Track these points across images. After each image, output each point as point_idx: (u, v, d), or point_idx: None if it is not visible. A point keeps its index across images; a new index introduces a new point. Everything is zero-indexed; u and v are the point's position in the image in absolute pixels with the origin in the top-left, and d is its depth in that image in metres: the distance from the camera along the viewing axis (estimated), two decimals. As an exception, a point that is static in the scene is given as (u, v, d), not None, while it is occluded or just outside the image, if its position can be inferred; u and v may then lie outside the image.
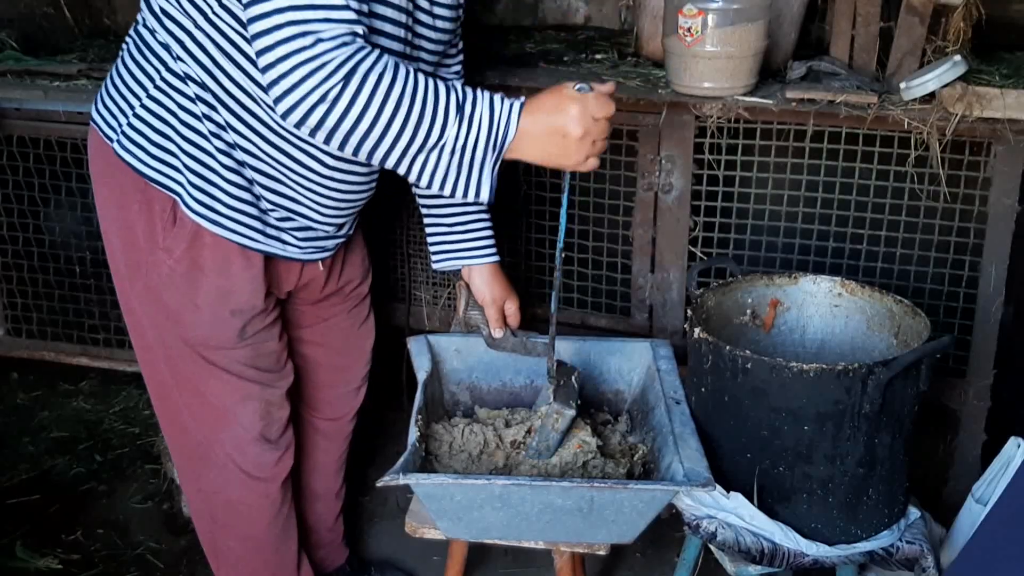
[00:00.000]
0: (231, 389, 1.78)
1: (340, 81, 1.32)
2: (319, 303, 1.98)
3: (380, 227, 2.51)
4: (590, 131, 1.44)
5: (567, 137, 1.44)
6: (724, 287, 1.93)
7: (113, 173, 1.68)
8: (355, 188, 1.77)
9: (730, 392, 1.70)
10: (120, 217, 1.70)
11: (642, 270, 2.27)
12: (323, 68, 1.32)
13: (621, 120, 2.15)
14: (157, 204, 1.64)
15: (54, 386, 3.05)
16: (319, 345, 2.04)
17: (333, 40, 1.33)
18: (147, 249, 1.68)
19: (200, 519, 1.96)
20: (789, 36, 2.18)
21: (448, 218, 1.94)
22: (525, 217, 2.38)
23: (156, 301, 1.72)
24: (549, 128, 1.44)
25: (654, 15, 2.23)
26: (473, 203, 1.92)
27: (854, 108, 1.96)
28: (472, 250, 1.94)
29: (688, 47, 1.99)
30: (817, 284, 1.94)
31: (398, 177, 1.88)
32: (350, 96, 1.33)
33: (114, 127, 1.67)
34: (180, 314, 1.71)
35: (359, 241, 2.04)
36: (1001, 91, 1.87)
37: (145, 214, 1.66)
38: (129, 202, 1.67)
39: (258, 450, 1.85)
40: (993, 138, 1.95)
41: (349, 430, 2.18)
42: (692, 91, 2.05)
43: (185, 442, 1.86)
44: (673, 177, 2.15)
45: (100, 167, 1.72)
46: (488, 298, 1.94)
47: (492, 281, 1.95)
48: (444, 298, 2.51)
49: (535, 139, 1.45)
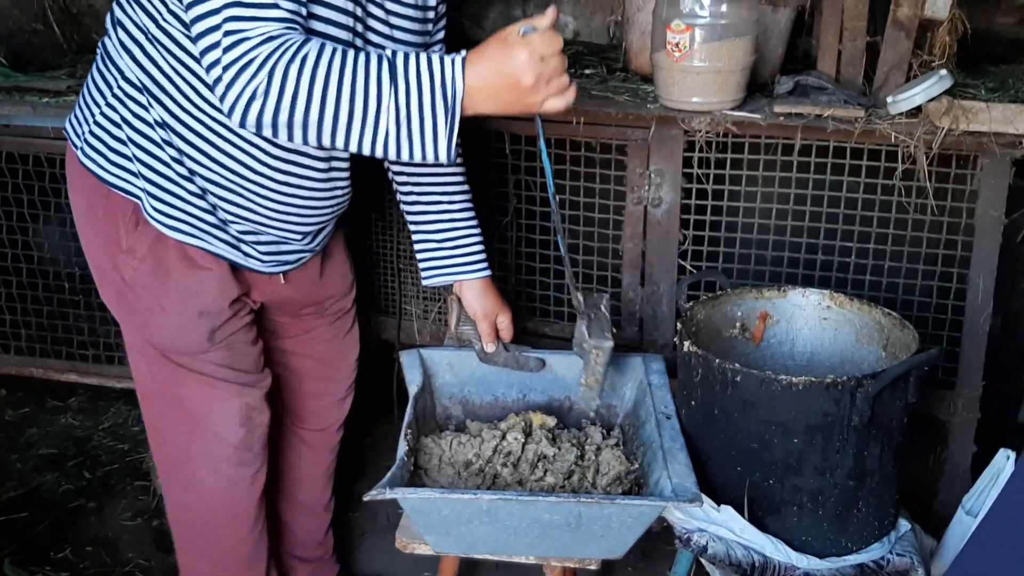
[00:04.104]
0: (208, 392, 1.76)
1: (265, 76, 1.33)
2: (300, 316, 1.98)
3: (370, 241, 2.52)
4: (542, 74, 1.39)
5: (520, 85, 1.39)
6: (714, 300, 1.93)
7: (80, 179, 1.70)
8: (313, 199, 1.72)
9: (720, 405, 1.70)
10: (89, 222, 1.72)
11: (632, 284, 2.27)
12: (249, 66, 1.33)
13: (610, 135, 2.16)
14: (119, 208, 1.66)
15: (42, 403, 3.03)
16: (302, 356, 2.03)
17: (259, 37, 1.33)
18: (113, 253, 1.69)
19: (176, 535, 1.95)
20: (776, 51, 2.20)
21: (437, 234, 1.93)
22: (515, 231, 2.38)
23: (126, 305, 1.73)
24: (499, 80, 1.39)
25: (642, 30, 2.25)
26: (461, 214, 1.91)
27: (841, 122, 1.97)
28: (462, 265, 1.94)
29: (676, 62, 2.01)
30: (806, 297, 1.94)
31: (388, 190, 1.90)
32: (277, 88, 1.33)
33: (79, 134, 1.69)
34: (148, 317, 1.71)
35: (340, 255, 2.02)
36: (987, 105, 1.88)
37: (110, 218, 1.67)
38: (95, 207, 1.69)
39: (233, 466, 1.82)
40: (979, 151, 1.96)
41: (335, 441, 2.16)
42: (681, 106, 2.06)
43: (162, 453, 1.86)
44: (662, 191, 2.16)
45: (71, 174, 1.74)
46: (480, 313, 1.93)
47: (484, 295, 1.94)
48: (435, 312, 2.51)
49: (487, 92, 1.40)
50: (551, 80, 1.41)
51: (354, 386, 2.15)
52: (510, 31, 1.41)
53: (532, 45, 1.38)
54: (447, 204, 1.92)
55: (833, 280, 2.15)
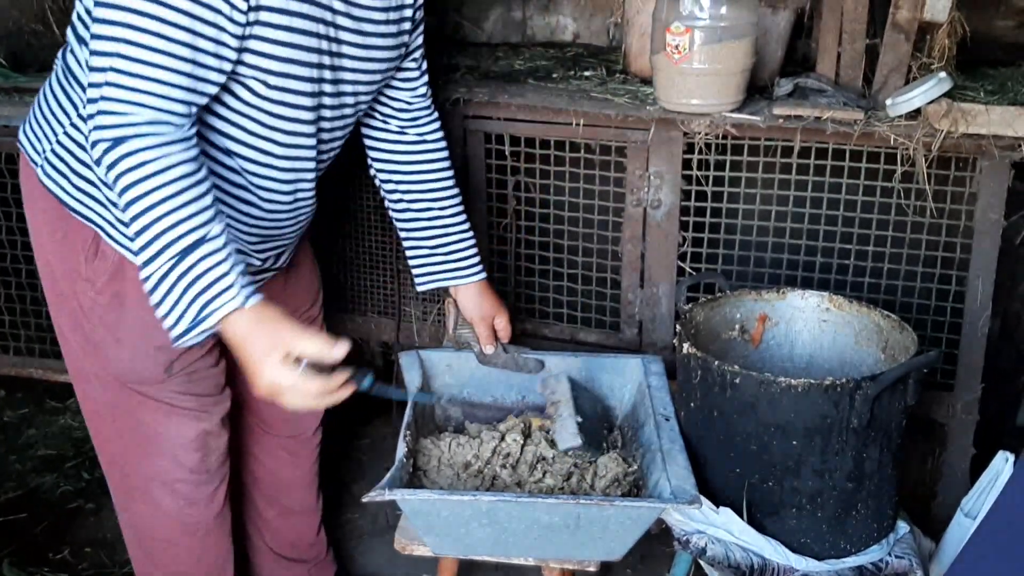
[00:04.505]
0: (164, 419, 1.73)
1: (112, 159, 1.38)
2: None
3: (369, 243, 2.52)
4: (280, 394, 1.42)
5: (252, 377, 1.44)
6: (713, 302, 1.93)
7: (38, 198, 1.66)
8: (277, 224, 1.71)
9: (719, 407, 1.70)
10: (48, 243, 1.67)
11: (631, 285, 2.27)
12: (102, 143, 1.38)
13: (610, 136, 2.16)
14: (79, 234, 1.61)
15: (41, 404, 3.03)
16: None
17: (124, 125, 1.37)
18: (72, 279, 1.65)
19: (132, 552, 1.92)
20: (776, 53, 2.20)
21: (428, 240, 1.91)
22: (514, 232, 2.38)
23: (80, 331, 1.69)
24: (244, 358, 1.43)
25: (642, 32, 2.25)
26: (452, 219, 1.90)
27: (841, 124, 1.97)
28: (457, 270, 1.92)
29: (676, 64, 2.01)
30: (805, 299, 1.95)
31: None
32: (115, 173, 1.38)
33: (39, 151, 1.64)
34: (103, 347, 1.67)
35: (306, 265, 1.99)
36: (986, 107, 1.89)
37: (68, 243, 1.63)
38: (54, 229, 1.65)
39: (190, 486, 1.79)
40: (978, 154, 1.96)
41: (315, 443, 2.13)
42: (680, 108, 2.06)
43: (114, 472, 1.82)
44: (662, 193, 2.16)
45: (28, 189, 1.69)
46: (476, 316, 1.93)
47: (480, 298, 1.93)
48: (434, 314, 2.51)
49: (234, 345, 1.43)
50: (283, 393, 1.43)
51: None
52: (282, 361, 1.41)
53: (278, 378, 1.40)
54: (438, 211, 1.90)
55: (832, 282, 2.15)
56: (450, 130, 2.25)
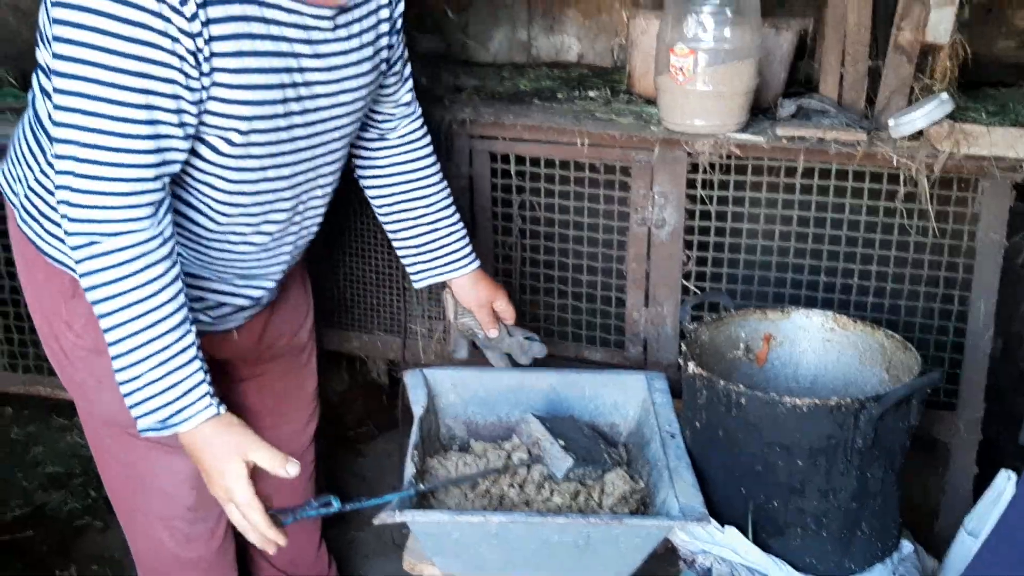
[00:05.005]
0: (155, 457, 1.71)
1: (82, 247, 1.39)
2: (250, 366, 1.94)
3: (375, 260, 2.53)
4: (229, 504, 1.49)
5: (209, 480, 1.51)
6: (718, 321, 1.95)
7: (18, 242, 1.66)
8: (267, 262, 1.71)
9: (724, 426, 1.72)
10: (30, 285, 1.68)
11: (636, 304, 2.29)
12: (72, 236, 1.39)
13: (615, 156, 2.18)
14: (57, 278, 1.61)
15: (48, 421, 3.04)
16: (257, 395, 1.98)
17: (100, 207, 1.37)
18: (52, 320, 1.65)
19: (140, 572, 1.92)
20: (779, 75, 2.22)
21: (418, 237, 1.90)
22: (520, 251, 2.40)
23: (64, 372, 1.69)
24: (204, 463, 1.49)
25: (646, 53, 2.27)
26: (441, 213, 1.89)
27: (844, 145, 1.99)
28: (450, 263, 1.92)
29: (680, 85, 2.03)
30: (809, 318, 1.96)
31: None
32: (84, 260, 1.40)
33: (17, 193, 1.63)
34: (86, 389, 1.67)
35: (297, 289, 1.98)
36: (987, 128, 1.90)
37: (47, 286, 1.63)
38: (34, 271, 1.65)
39: (188, 524, 1.79)
40: (980, 174, 1.98)
41: (309, 459, 2.13)
42: (684, 128, 2.08)
43: (117, 504, 1.83)
44: (666, 212, 2.18)
45: (11, 231, 1.69)
46: (475, 303, 1.92)
47: (476, 285, 1.93)
48: (440, 331, 2.53)
49: (194, 448, 1.49)
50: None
51: (316, 412, 2.14)
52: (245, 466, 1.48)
53: (234, 490, 1.48)
54: (424, 208, 1.89)
55: (836, 301, 2.16)
56: (456, 149, 2.28)
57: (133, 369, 1.42)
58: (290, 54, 1.48)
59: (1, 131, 2.31)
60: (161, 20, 1.33)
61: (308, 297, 2.04)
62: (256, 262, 1.69)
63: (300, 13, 1.47)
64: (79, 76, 1.34)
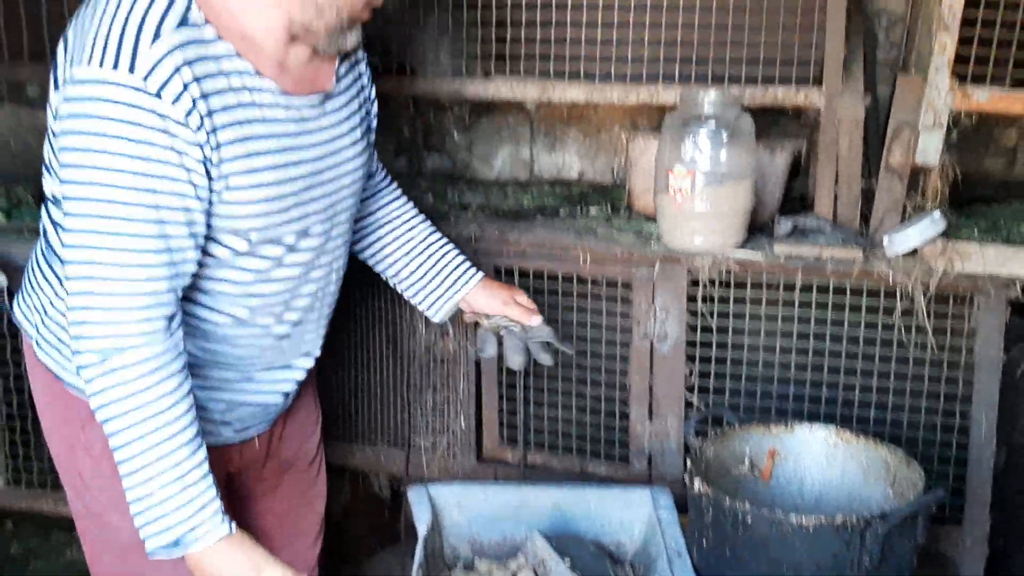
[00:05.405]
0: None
1: (96, 376, 1.42)
2: (262, 479, 1.95)
3: (379, 371, 2.55)
4: None
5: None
6: (722, 437, 1.96)
7: (36, 371, 1.68)
8: (285, 349, 1.72)
9: (731, 545, 1.71)
10: (47, 413, 1.70)
11: (640, 418, 2.30)
12: (81, 355, 1.42)
13: (616, 271, 2.23)
14: (75, 404, 1.61)
15: (48, 535, 3.01)
16: (267, 515, 1.98)
17: (108, 343, 1.40)
18: (70, 448, 1.66)
19: None
20: (774, 193, 2.28)
21: (418, 271, 1.94)
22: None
23: (81, 499, 1.69)
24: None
25: (645, 172, 2.33)
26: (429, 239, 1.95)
27: (840, 263, 2.03)
28: (457, 280, 1.96)
29: (679, 205, 2.08)
30: (813, 433, 1.97)
31: (398, 319, 1.92)
32: (97, 392, 1.43)
33: (33, 323, 1.65)
34: (105, 516, 1.66)
35: (303, 400, 1.99)
36: (980, 247, 1.95)
37: (65, 413, 1.64)
38: (52, 399, 1.67)
39: None
40: (975, 291, 2.02)
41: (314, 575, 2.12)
42: (684, 246, 2.12)
43: None
44: (668, 326, 2.21)
45: (27, 359, 1.71)
46: (499, 304, 1.95)
47: (490, 291, 1.97)
48: (444, 445, 2.53)
49: (210, 570, 1.48)
50: None
51: (323, 530, 2.12)
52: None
53: None
54: (414, 241, 1.95)
55: (839, 415, 2.17)
56: (461, 265, 2.32)
57: (146, 486, 1.43)
58: (292, 146, 1.53)
59: (19, 251, 2.35)
60: (167, 136, 1.37)
61: (317, 406, 2.06)
62: (280, 353, 1.71)
63: (292, 107, 1.53)
64: (89, 198, 1.37)
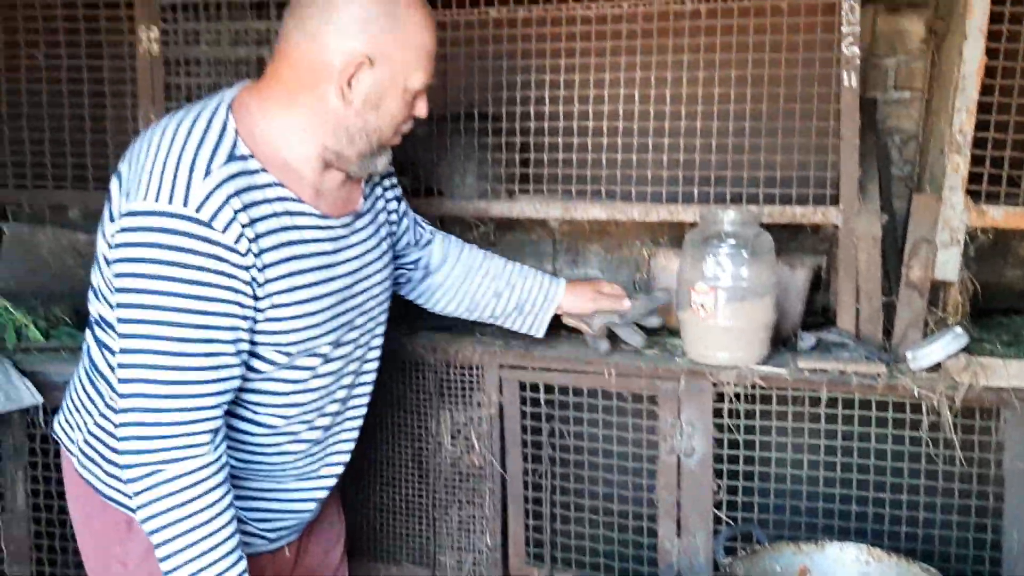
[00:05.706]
0: None
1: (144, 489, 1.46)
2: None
3: (407, 491, 2.54)
4: None
5: None
6: (752, 556, 1.94)
7: (76, 488, 1.72)
8: (315, 455, 1.76)
9: (765, 669, 1.68)
10: (86, 530, 1.73)
11: (668, 534, 2.28)
12: (130, 469, 1.46)
13: (641, 386, 2.24)
14: (112, 517, 1.66)
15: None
16: None
17: (160, 457, 1.45)
18: (105, 561, 1.69)
19: None
20: (796, 307, 2.31)
21: (508, 302, 2.06)
22: (550, 479, 2.41)
23: None
24: None
25: (667, 287, 2.37)
26: (506, 271, 2.06)
27: (864, 378, 2.05)
28: (546, 296, 2.09)
29: (702, 321, 2.11)
30: (844, 551, 1.96)
31: (421, 438, 1.95)
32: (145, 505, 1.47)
33: (74, 440, 1.70)
34: None
35: (327, 512, 2.00)
36: (1003, 361, 1.96)
37: (102, 526, 1.68)
38: (89, 513, 1.71)
39: None
40: (1001, 404, 2.02)
41: None
42: (708, 360, 2.15)
43: None
44: (695, 441, 2.22)
45: (66, 475, 1.75)
46: (590, 300, 2.10)
47: (577, 292, 2.11)
48: (470, 564, 2.51)
49: None
50: None
51: None
52: None
53: None
54: (494, 278, 2.06)
55: (869, 531, 2.15)
56: (486, 379, 2.35)
57: None
58: (329, 263, 1.63)
59: (56, 369, 2.38)
60: (218, 261, 1.44)
61: (341, 519, 2.07)
62: (312, 460, 1.75)
63: (329, 228, 1.63)
64: (144, 320, 1.44)
